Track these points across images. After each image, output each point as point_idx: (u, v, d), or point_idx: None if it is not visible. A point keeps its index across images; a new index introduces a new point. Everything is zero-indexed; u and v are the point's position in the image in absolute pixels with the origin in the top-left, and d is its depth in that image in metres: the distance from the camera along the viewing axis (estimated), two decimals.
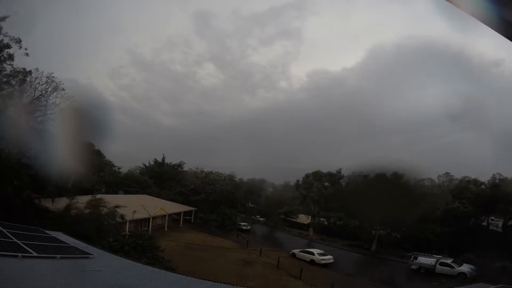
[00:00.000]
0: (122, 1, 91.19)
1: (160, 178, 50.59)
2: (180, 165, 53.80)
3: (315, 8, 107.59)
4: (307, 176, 46.66)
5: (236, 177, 54.46)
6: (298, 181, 49.59)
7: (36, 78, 22.62)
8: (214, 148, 73.34)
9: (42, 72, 23.01)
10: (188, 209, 42.23)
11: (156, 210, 32.93)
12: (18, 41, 21.43)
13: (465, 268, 24.25)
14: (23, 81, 22.18)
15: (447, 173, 36.20)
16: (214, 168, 53.28)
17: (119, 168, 50.73)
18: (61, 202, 21.30)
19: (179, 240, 29.20)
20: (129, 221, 26.62)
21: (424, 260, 26.41)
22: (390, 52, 78.52)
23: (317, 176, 44.38)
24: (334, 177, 42.76)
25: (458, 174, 36.04)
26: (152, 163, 54.06)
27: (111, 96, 77.81)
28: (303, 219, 51.49)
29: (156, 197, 41.86)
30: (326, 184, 43.56)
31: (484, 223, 32.64)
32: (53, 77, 23.29)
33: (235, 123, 79.54)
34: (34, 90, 22.69)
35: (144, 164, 54.65)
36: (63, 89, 23.95)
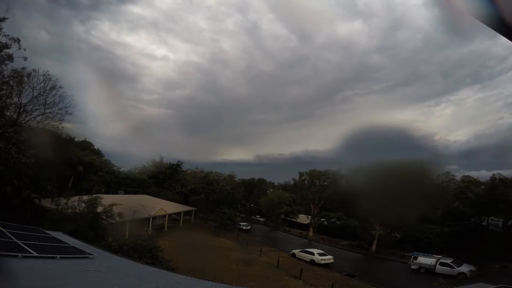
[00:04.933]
0: None
1: (160, 178, 50.63)
2: (179, 165, 53.82)
3: None
4: (301, 174, 46.74)
5: (236, 177, 54.58)
6: (294, 180, 49.71)
7: (33, 76, 22.64)
8: None
9: (39, 71, 23.07)
10: (188, 209, 42.24)
11: (156, 210, 32.91)
12: (17, 41, 21.45)
13: (465, 268, 24.26)
14: (22, 80, 22.16)
15: (447, 173, 36.20)
16: None
17: (118, 168, 50.83)
18: (58, 202, 21.22)
19: (179, 240, 29.19)
20: (129, 221, 26.60)
21: (424, 260, 26.43)
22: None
23: (315, 175, 44.31)
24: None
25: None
26: (150, 163, 54.07)
27: None
28: (303, 219, 51.56)
29: (156, 197, 41.89)
30: (325, 183, 43.52)
31: (484, 223, 32.65)
32: (49, 75, 23.34)
33: None
34: (33, 89, 22.71)
35: (143, 164, 54.70)
36: (61, 87, 24.03)
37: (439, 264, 25.28)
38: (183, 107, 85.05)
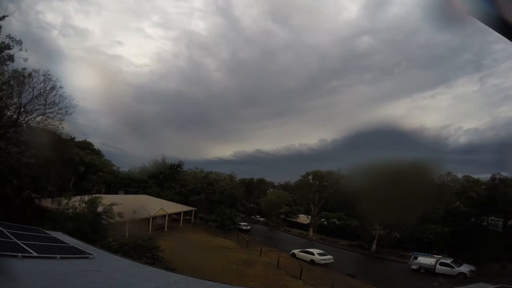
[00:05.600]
0: None
1: (160, 178, 50.63)
2: (179, 165, 53.86)
3: None
4: (307, 174, 46.71)
5: (236, 177, 54.58)
6: (299, 180, 49.70)
7: (33, 77, 22.60)
8: None
9: (39, 70, 23.02)
10: (188, 209, 42.25)
11: (156, 210, 32.92)
12: (19, 42, 21.44)
13: (465, 268, 24.27)
14: (22, 81, 22.13)
15: (449, 173, 36.16)
16: None
17: (118, 168, 50.86)
18: (60, 202, 21.25)
19: (179, 240, 29.20)
20: (129, 221, 26.61)
21: (424, 260, 26.45)
22: None
23: (319, 175, 44.39)
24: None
25: None
26: (150, 163, 54.04)
27: None
28: (303, 219, 51.58)
29: (156, 197, 41.90)
30: (326, 183, 43.50)
31: (484, 223, 32.66)
32: (49, 75, 23.30)
33: None
34: (33, 89, 22.68)
35: (143, 164, 54.67)
36: (61, 87, 23.99)
37: (439, 264, 25.28)
38: (168, 102, 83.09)
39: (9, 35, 20.95)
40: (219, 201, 44.72)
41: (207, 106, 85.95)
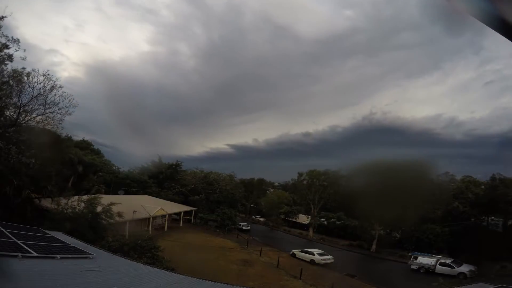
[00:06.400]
0: None
1: (160, 178, 50.65)
2: (178, 165, 53.88)
3: None
4: (300, 174, 46.79)
5: (236, 177, 54.61)
6: (293, 180, 49.83)
7: (33, 76, 22.55)
8: None
9: (39, 70, 22.96)
10: (188, 209, 42.24)
11: (156, 210, 32.92)
12: (17, 41, 21.41)
13: (465, 268, 24.27)
14: (21, 80, 22.08)
15: (447, 173, 36.14)
16: None
17: (118, 168, 50.87)
18: (59, 202, 21.24)
19: (179, 240, 29.19)
20: (129, 221, 26.60)
21: (424, 260, 26.45)
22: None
23: (315, 175, 44.41)
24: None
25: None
26: (150, 163, 54.06)
27: None
28: (303, 219, 51.59)
29: (156, 197, 41.90)
30: (324, 183, 43.50)
31: (484, 223, 32.67)
32: (49, 74, 23.26)
33: None
34: (33, 89, 22.64)
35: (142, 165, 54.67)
36: (61, 87, 23.93)
37: (439, 264, 25.30)
38: (151, 97, 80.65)
39: (6, 34, 20.91)
40: (219, 201, 44.74)
41: (185, 101, 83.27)
